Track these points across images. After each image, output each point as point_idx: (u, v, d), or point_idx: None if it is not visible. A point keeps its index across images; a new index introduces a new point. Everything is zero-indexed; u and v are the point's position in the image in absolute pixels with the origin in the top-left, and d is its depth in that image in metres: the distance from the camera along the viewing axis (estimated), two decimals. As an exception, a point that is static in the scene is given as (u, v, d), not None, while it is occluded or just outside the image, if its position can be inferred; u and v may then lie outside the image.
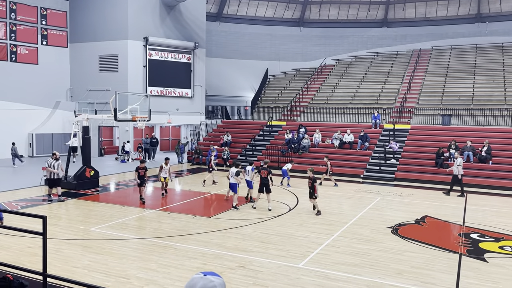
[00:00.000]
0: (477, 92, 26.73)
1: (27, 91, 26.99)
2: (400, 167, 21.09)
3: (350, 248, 10.00)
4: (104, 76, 27.88)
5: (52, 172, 14.57)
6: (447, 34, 33.82)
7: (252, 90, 34.91)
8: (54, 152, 15.14)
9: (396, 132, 23.66)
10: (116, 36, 27.44)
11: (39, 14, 28.15)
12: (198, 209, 14.43)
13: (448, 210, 14.34)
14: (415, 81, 29.73)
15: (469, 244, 10.55)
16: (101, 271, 8.34)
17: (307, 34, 36.62)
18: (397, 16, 35.92)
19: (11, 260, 8.40)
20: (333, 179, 18.89)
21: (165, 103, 28.14)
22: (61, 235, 10.67)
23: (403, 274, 8.45)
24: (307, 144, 23.94)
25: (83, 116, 17.78)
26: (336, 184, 18.68)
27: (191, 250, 9.67)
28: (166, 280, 7.94)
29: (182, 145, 26.99)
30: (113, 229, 11.32)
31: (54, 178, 14.75)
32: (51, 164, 14.69)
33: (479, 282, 8.14)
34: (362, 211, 13.97)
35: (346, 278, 8.20)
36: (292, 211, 13.79)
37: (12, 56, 27.01)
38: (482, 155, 20.16)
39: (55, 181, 14.83)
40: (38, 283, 6.35)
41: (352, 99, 29.29)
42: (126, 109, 17.73)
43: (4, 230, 9.97)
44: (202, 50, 30.32)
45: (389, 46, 35.16)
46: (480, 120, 24.09)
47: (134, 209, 13.87)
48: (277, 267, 8.70)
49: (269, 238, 10.75)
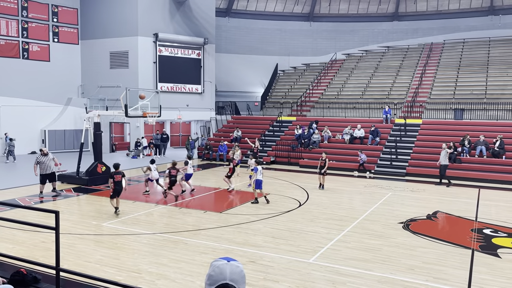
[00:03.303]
0: (490, 86, 26.34)
1: (39, 88, 27.29)
2: (412, 162, 20.91)
3: (361, 244, 9.96)
4: (115, 72, 28.06)
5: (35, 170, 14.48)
6: (460, 27, 33.33)
7: (262, 86, 34.84)
8: (41, 149, 15.11)
9: (407, 127, 23.46)
10: (126, 33, 27.57)
11: (50, 11, 28.38)
12: (208, 204, 14.48)
13: (461, 205, 14.19)
14: (426, 75, 29.39)
15: (482, 240, 10.43)
16: (113, 265, 8.42)
17: (317, 28, 36.39)
18: (408, 9, 35.49)
19: (24, 254, 8.52)
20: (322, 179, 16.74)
21: (175, 99, 28.24)
22: (73, 230, 10.79)
23: (414, 270, 8.39)
24: (317, 139, 23.85)
25: (94, 112, 17.92)
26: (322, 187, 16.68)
27: (202, 245, 9.71)
28: (177, 275, 7.98)
29: (192, 141, 27.08)
30: (125, 224, 11.42)
31: (47, 174, 14.67)
32: (39, 161, 14.55)
33: (492, 278, 8.05)
34: (373, 206, 13.89)
35: (357, 273, 8.17)
36: (302, 207, 13.77)
37: (24, 53, 27.30)
38: (495, 149, 19.90)
39: (48, 176, 14.74)
40: (51, 277, 6.43)
41: (362, 93, 29.07)
42: (137, 105, 17.80)
43: (18, 225, 10.11)
44: (211, 45, 30.32)
45: (400, 40, 34.78)
46: (493, 114, 23.75)
47: (145, 204, 13.97)
48: (288, 262, 8.70)
49: (280, 233, 10.75)
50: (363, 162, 20.88)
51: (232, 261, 2.17)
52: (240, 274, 2.12)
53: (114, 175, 12.35)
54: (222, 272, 2.11)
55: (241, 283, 2.11)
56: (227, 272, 2.11)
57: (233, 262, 2.16)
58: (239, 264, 2.18)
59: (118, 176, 12.37)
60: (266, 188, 16.75)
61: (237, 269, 2.13)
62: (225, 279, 2.09)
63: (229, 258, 2.20)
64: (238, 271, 2.13)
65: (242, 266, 2.18)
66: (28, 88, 26.85)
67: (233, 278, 2.10)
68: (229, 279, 2.09)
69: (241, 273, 2.13)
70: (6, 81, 26.05)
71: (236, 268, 2.13)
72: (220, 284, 2.09)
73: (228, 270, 2.12)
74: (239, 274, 2.12)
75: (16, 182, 17.12)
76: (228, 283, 2.08)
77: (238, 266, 2.14)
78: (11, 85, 26.18)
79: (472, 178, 18.75)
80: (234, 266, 2.13)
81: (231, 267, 2.13)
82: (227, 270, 2.12)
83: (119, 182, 12.36)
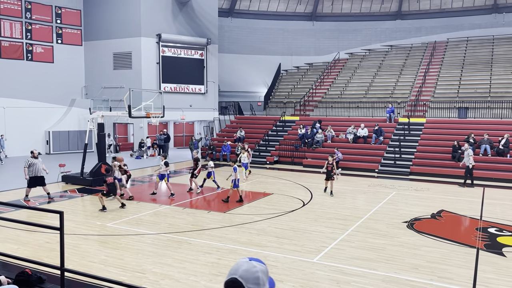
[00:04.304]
0: (494, 84, 26.22)
1: (43, 89, 27.42)
2: (416, 161, 20.85)
3: (365, 243, 9.94)
4: (118, 73, 28.15)
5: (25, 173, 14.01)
6: (463, 25, 33.20)
7: (265, 85, 34.84)
8: (32, 151, 14.52)
9: (411, 126, 23.39)
10: (129, 34, 27.65)
11: (53, 13, 28.50)
12: (212, 205, 14.49)
13: (465, 204, 14.14)
14: (430, 74, 29.30)
15: (487, 239, 10.39)
16: (117, 265, 8.44)
17: (320, 28, 36.35)
18: (411, 8, 35.39)
19: (29, 255, 8.55)
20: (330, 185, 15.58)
21: (179, 99, 28.28)
22: (78, 231, 10.83)
23: (419, 269, 8.36)
24: (320, 139, 23.83)
25: (98, 113, 17.97)
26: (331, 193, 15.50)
27: (206, 245, 9.72)
28: (181, 275, 7.99)
29: (195, 141, 27.12)
30: (129, 225, 11.45)
31: (37, 177, 14.15)
32: (31, 163, 14.04)
33: (497, 277, 8.01)
34: (377, 205, 13.86)
35: (361, 272, 8.16)
36: (306, 206, 13.76)
37: (28, 55, 27.43)
38: (499, 148, 19.81)
39: (37, 180, 14.18)
40: (56, 277, 6.46)
41: (366, 93, 29.01)
42: (140, 106, 17.86)
43: (23, 225, 10.15)
44: (214, 46, 30.35)
45: (403, 39, 34.68)
46: (497, 112, 23.65)
47: (149, 204, 14.00)
48: (292, 262, 8.69)
49: (284, 233, 10.74)
50: (338, 160, 21.04)
51: (253, 261, 2.17)
52: (253, 275, 2.12)
53: (106, 178, 13.23)
54: (237, 267, 2.15)
55: (251, 283, 2.11)
56: (240, 268, 2.13)
57: (253, 262, 2.17)
58: (260, 265, 2.16)
59: (110, 178, 13.28)
60: (269, 188, 16.78)
61: (253, 269, 2.14)
62: (235, 274, 2.12)
63: (257, 259, 2.21)
64: (252, 270, 2.13)
65: (263, 268, 2.16)
66: (32, 90, 26.97)
67: (243, 276, 2.11)
68: (239, 275, 2.11)
69: (254, 273, 2.12)
70: (10, 83, 26.17)
71: (252, 267, 2.14)
72: (230, 277, 2.13)
73: (242, 267, 2.14)
74: (252, 274, 2.12)
75: (16, 183, 17.17)
76: (237, 279, 2.10)
77: (255, 267, 2.15)
78: (15, 86, 26.31)
79: (476, 176, 18.64)
80: (251, 266, 2.15)
81: (248, 265, 2.15)
82: (242, 267, 2.14)
83: (112, 184, 13.27)
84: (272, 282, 2.27)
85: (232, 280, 2.11)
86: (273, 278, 2.29)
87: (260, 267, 2.16)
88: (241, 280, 2.10)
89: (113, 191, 13.29)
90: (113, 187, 13.30)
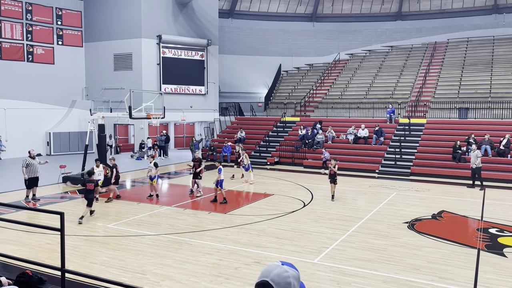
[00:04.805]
0: (495, 84, 26.22)
1: (44, 91, 27.44)
2: (416, 162, 20.84)
3: (365, 244, 9.93)
4: (119, 74, 28.17)
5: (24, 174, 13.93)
6: (463, 26, 33.20)
7: (266, 86, 34.86)
8: (29, 151, 14.42)
9: (411, 126, 23.39)
10: (130, 35, 27.67)
11: (54, 14, 28.54)
12: (212, 205, 14.48)
13: (466, 205, 14.13)
14: (430, 75, 29.30)
15: (488, 239, 10.38)
16: (118, 266, 8.45)
17: (320, 29, 36.37)
18: (411, 9, 35.40)
19: (30, 256, 8.55)
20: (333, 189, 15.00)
21: (179, 100, 28.29)
22: (78, 232, 10.84)
23: (420, 270, 8.36)
24: (321, 139, 23.83)
25: (99, 114, 17.99)
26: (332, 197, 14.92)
27: (207, 246, 9.72)
28: (182, 276, 7.99)
29: (196, 142, 27.12)
30: (130, 226, 11.45)
31: (34, 177, 14.10)
32: (28, 163, 13.96)
33: (498, 278, 8.00)
34: (378, 206, 13.85)
35: (362, 273, 8.15)
36: (306, 207, 13.75)
37: (29, 56, 27.46)
38: (500, 148, 19.80)
39: (34, 180, 14.14)
40: (56, 278, 6.46)
41: (366, 93, 29.01)
42: (141, 107, 17.86)
43: (23, 226, 10.16)
44: (215, 47, 30.37)
45: (403, 40, 34.69)
46: (498, 113, 23.63)
47: (150, 206, 14.00)
48: (293, 263, 8.67)
49: (284, 233, 10.74)
50: (326, 160, 21.10)
51: (285, 265, 2.15)
52: (284, 279, 2.09)
53: (86, 182, 11.94)
54: (269, 270, 2.13)
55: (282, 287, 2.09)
56: (272, 272, 2.11)
57: (285, 266, 2.14)
58: (292, 271, 2.14)
59: (90, 184, 11.84)
60: (270, 189, 16.78)
61: (284, 273, 2.11)
62: (267, 276, 2.10)
63: (289, 264, 2.19)
64: (284, 275, 2.10)
65: (295, 274, 2.14)
66: (33, 91, 26.99)
67: (275, 280, 2.09)
68: (271, 278, 2.09)
69: (286, 278, 2.10)
70: (11, 84, 26.19)
71: (284, 272, 2.11)
72: (261, 280, 2.11)
73: (275, 271, 2.11)
74: (284, 279, 2.10)
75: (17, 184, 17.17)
76: (268, 282, 2.08)
77: (287, 271, 2.12)
78: (16, 88, 26.33)
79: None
80: (282, 270, 2.12)
81: (280, 270, 2.12)
82: (274, 270, 2.12)
83: (91, 191, 11.82)
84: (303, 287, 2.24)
85: (263, 283, 2.09)
86: (304, 284, 2.26)
87: (292, 273, 2.13)
88: (272, 284, 2.08)
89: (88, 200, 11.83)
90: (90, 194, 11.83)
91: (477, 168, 16.98)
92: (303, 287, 2.24)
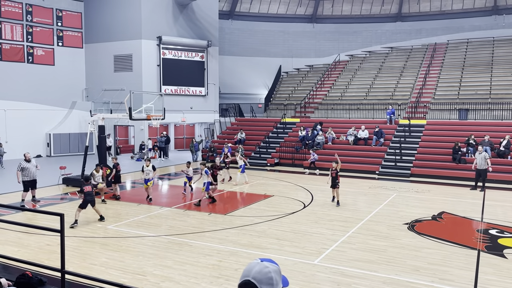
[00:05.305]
0: (495, 85, 26.22)
1: (44, 92, 27.45)
2: (416, 163, 20.84)
3: (365, 245, 9.93)
4: (119, 75, 28.18)
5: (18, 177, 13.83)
6: (463, 27, 33.23)
7: (266, 88, 34.87)
8: (24, 154, 14.28)
9: (411, 128, 23.39)
10: (130, 36, 27.69)
11: (54, 15, 28.57)
12: (212, 207, 14.48)
13: (466, 206, 14.12)
14: (430, 76, 29.31)
15: (488, 240, 10.37)
16: (118, 268, 8.44)
17: (320, 30, 36.39)
18: (411, 10, 35.42)
19: (30, 257, 8.55)
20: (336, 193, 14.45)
21: (179, 101, 28.30)
22: (78, 233, 10.83)
23: (420, 271, 8.35)
24: (321, 140, 23.83)
25: (99, 115, 17.99)
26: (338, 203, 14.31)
27: (207, 247, 9.71)
28: (182, 277, 7.99)
29: (196, 143, 27.14)
30: (130, 227, 11.45)
31: (30, 180, 13.93)
32: (23, 167, 13.80)
33: (498, 279, 7.99)
34: (378, 207, 13.85)
35: (362, 274, 8.15)
36: (306, 208, 13.75)
37: (29, 57, 27.48)
38: (500, 149, 19.79)
39: (30, 183, 13.97)
40: (56, 279, 6.47)
41: (366, 94, 29.03)
42: (141, 108, 17.87)
43: (23, 228, 10.16)
44: (215, 48, 30.39)
45: (403, 41, 34.70)
46: (498, 114, 23.64)
47: (150, 207, 14.00)
48: (293, 264, 8.68)
49: (284, 235, 10.74)
50: (314, 160, 21.41)
51: (265, 261, 2.17)
52: (266, 275, 2.12)
53: (83, 186, 11.97)
54: (249, 269, 2.15)
55: (265, 284, 2.11)
56: (253, 270, 2.13)
57: (265, 262, 2.17)
58: (272, 265, 2.17)
59: (88, 187, 11.99)
60: (270, 190, 16.78)
61: (265, 269, 2.14)
62: (248, 276, 2.12)
63: (269, 259, 2.21)
64: (265, 271, 2.13)
65: (275, 268, 2.17)
66: (33, 92, 27.01)
67: (256, 277, 2.11)
68: (252, 277, 2.11)
69: (267, 274, 2.13)
70: (11, 85, 26.21)
71: (264, 268, 2.14)
72: (243, 280, 2.13)
73: (255, 269, 2.14)
74: (265, 274, 2.12)
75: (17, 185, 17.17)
76: (250, 280, 2.10)
77: (267, 267, 2.15)
78: (16, 89, 26.34)
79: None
80: (263, 266, 2.15)
81: (260, 266, 2.15)
82: (254, 268, 2.14)
83: (90, 192, 11.94)
84: (286, 280, 2.26)
85: (246, 282, 2.11)
86: (286, 277, 2.29)
87: (272, 267, 2.16)
88: (255, 282, 2.10)
89: (90, 202, 11.91)
90: (90, 197, 11.93)
91: (483, 170, 16.72)
92: (285, 281, 2.26)
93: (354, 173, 20.91)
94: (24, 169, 13.88)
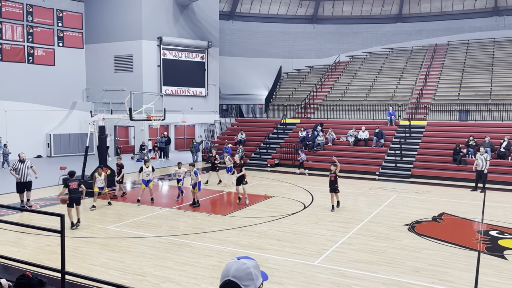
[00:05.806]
0: (495, 87, 26.22)
1: (44, 92, 27.46)
2: (417, 164, 20.83)
3: (366, 246, 9.92)
4: (119, 76, 28.19)
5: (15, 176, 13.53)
6: (464, 28, 33.24)
7: (266, 88, 34.87)
8: (19, 154, 13.94)
9: (412, 129, 23.38)
10: (130, 37, 27.70)
11: (55, 16, 28.58)
12: (213, 207, 14.49)
13: (467, 207, 14.11)
14: (431, 77, 29.31)
15: (488, 242, 10.36)
16: (118, 268, 8.44)
17: (321, 31, 36.41)
18: (412, 11, 35.43)
19: (30, 258, 8.55)
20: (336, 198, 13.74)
21: (180, 102, 28.31)
22: (79, 234, 10.83)
23: (420, 272, 8.34)
24: (321, 141, 23.82)
25: (99, 116, 17.98)
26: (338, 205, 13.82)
27: (207, 248, 9.71)
28: (182, 278, 7.98)
29: (196, 144, 27.12)
30: (130, 228, 11.44)
31: (24, 182, 13.61)
32: (15, 168, 13.53)
33: (499, 280, 7.99)
34: (378, 208, 13.84)
35: (362, 275, 8.14)
36: (307, 209, 13.74)
37: (30, 58, 27.49)
38: (501, 150, 19.79)
39: (24, 185, 13.67)
40: (56, 280, 6.47)
41: (366, 95, 29.03)
42: (141, 109, 17.87)
43: (23, 228, 10.16)
44: (215, 49, 30.40)
45: (404, 42, 34.71)
46: (498, 115, 23.63)
47: (150, 207, 14.00)
48: (293, 265, 8.68)
49: (284, 236, 10.73)
50: (302, 161, 21.70)
51: (242, 259, 2.20)
52: (245, 271, 2.15)
53: (69, 182, 11.50)
54: (228, 269, 2.17)
55: (245, 280, 2.13)
56: (231, 269, 2.16)
57: (242, 260, 2.20)
58: (249, 261, 2.19)
59: (74, 183, 11.50)
60: (270, 191, 16.77)
61: (243, 266, 2.16)
62: (228, 276, 2.15)
63: (245, 256, 2.25)
64: (243, 268, 2.16)
65: (253, 264, 2.19)
66: (34, 92, 27.01)
67: (236, 275, 2.14)
68: (232, 275, 2.14)
69: (246, 270, 2.15)
70: (12, 86, 26.21)
71: (242, 265, 2.17)
72: (224, 281, 2.15)
73: (233, 268, 2.16)
74: (244, 271, 2.15)
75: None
76: (231, 280, 2.13)
77: (245, 263, 2.17)
78: (16, 89, 26.35)
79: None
80: (240, 264, 2.17)
81: (238, 264, 2.17)
82: (232, 267, 2.17)
83: (76, 190, 11.46)
84: (265, 275, 2.29)
85: (226, 282, 2.14)
86: (265, 272, 2.31)
87: (250, 263, 2.19)
88: (235, 280, 2.13)
89: (75, 200, 11.36)
90: (75, 194, 11.40)
91: (483, 171, 16.70)
92: (264, 275, 2.28)
93: (354, 174, 20.90)
94: (16, 170, 13.58)
